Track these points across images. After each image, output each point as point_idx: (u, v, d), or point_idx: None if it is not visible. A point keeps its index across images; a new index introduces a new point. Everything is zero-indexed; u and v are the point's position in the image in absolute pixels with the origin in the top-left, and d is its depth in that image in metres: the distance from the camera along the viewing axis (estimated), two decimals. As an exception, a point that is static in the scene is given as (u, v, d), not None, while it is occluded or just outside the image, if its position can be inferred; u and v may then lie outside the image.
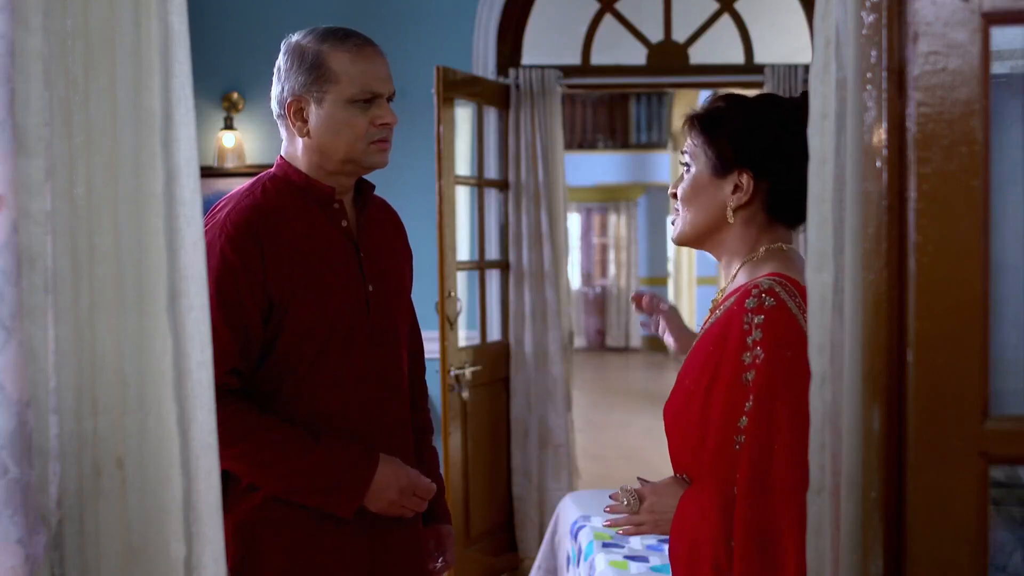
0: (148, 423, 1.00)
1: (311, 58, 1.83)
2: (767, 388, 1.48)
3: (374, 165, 1.90)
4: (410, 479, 1.88)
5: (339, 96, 1.83)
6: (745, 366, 1.51)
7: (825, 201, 1.01)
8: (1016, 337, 1.00)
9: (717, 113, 1.67)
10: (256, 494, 1.83)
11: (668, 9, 4.93)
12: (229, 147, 4.74)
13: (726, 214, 1.64)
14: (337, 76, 1.82)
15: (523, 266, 4.76)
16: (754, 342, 1.50)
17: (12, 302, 0.96)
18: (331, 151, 1.86)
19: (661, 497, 1.65)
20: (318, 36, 1.85)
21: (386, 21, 4.67)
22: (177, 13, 1.01)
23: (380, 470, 1.85)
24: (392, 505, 1.86)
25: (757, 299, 1.53)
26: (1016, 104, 1.03)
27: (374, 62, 1.86)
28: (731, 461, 1.51)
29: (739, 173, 1.63)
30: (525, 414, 4.76)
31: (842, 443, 0.98)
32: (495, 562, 4.65)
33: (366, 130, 1.85)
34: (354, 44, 1.85)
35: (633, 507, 1.67)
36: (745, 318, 1.52)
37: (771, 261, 1.63)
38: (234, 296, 1.79)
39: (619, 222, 14.18)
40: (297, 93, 1.84)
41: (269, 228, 1.82)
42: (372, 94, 1.84)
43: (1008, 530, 1.16)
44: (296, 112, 1.85)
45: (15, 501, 0.97)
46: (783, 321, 1.50)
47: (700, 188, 1.66)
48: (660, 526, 1.65)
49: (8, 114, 0.95)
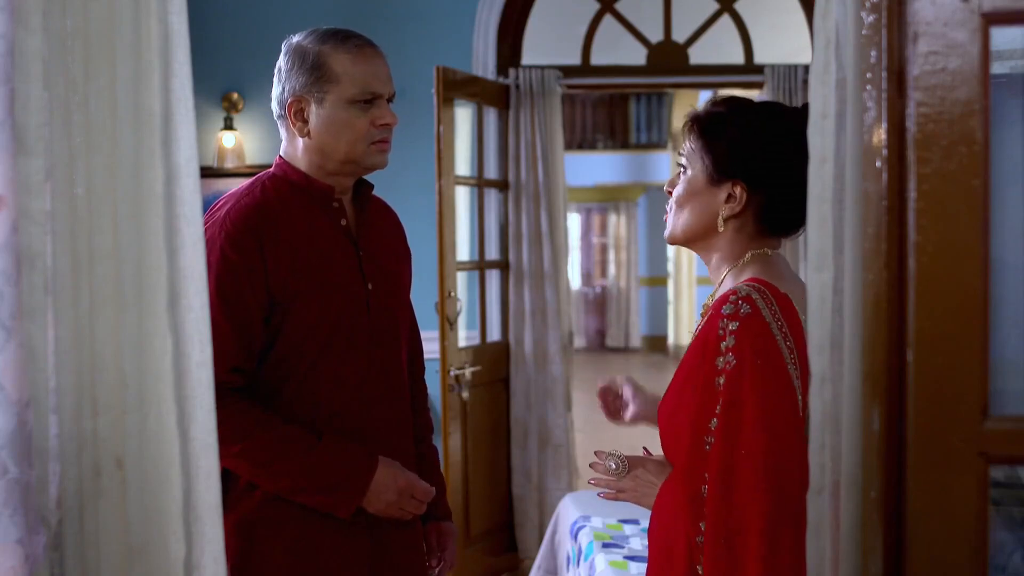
0: (148, 423, 1.00)
1: (312, 59, 1.83)
2: (736, 393, 1.51)
3: (374, 166, 1.90)
4: (408, 481, 1.88)
5: (340, 97, 1.83)
6: (717, 370, 1.54)
7: (825, 201, 1.01)
8: (1016, 337, 1.00)
9: (718, 118, 1.66)
10: (256, 493, 1.83)
11: (668, 9, 4.92)
12: (229, 147, 4.74)
13: (717, 222, 1.65)
14: (338, 77, 1.83)
15: (523, 266, 4.76)
16: (727, 348, 1.53)
17: (12, 302, 0.96)
18: (331, 151, 1.86)
19: (648, 472, 1.68)
20: (319, 37, 1.86)
21: (386, 21, 4.67)
22: (177, 13, 1.01)
23: (379, 472, 1.85)
24: (390, 507, 1.86)
25: (733, 305, 1.55)
26: (1016, 104, 1.03)
27: (375, 63, 1.87)
28: (701, 461, 1.55)
29: (733, 183, 1.63)
30: (525, 414, 4.76)
31: (842, 443, 0.98)
32: (495, 562, 4.65)
33: (366, 130, 1.85)
34: (355, 45, 1.85)
35: (620, 472, 1.70)
36: (721, 324, 1.55)
37: (753, 266, 1.64)
38: (235, 294, 1.79)
39: (619, 222, 14.18)
40: (298, 93, 1.84)
41: (269, 226, 1.82)
42: (373, 95, 1.85)
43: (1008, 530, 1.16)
44: (296, 112, 1.86)
45: (15, 501, 0.97)
46: (755, 329, 1.53)
47: (694, 192, 1.66)
48: (641, 499, 1.68)
49: (8, 114, 0.95)
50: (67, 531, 0.98)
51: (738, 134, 1.63)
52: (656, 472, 1.68)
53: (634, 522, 3.37)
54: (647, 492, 1.68)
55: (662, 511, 1.63)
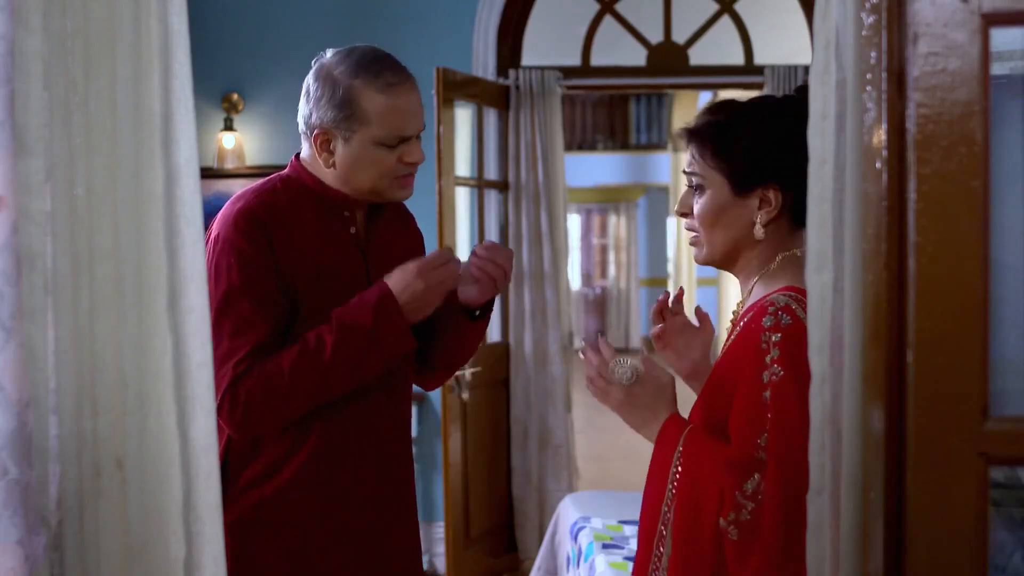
0: (148, 424, 1.00)
1: (342, 94, 1.80)
2: (785, 403, 1.47)
3: (397, 199, 1.90)
4: (416, 264, 1.81)
5: (368, 138, 1.81)
6: (764, 384, 1.50)
7: (825, 202, 1.01)
8: (1016, 337, 1.00)
9: (724, 129, 1.62)
10: (252, 494, 1.83)
11: (668, 10, 4.92)
12: (229, 148, 4.73)
13: (754, 231, 1.61)
14: (368, 117, 1.80)
15: (523, 267, 4.76)
16: (772, 360, 1.50)
17: (12, 302, 0.96)
18: (356, 184, 1.85)
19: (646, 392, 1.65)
20: (351, 68, 1.81)
21: (386, 21, 4.66)
22: (177, 13, 1.01)
23: (393, 287, 1.79)
24: (429, 291, 1.80)
25: (774, 317, 1.52)
26: (1016, 105, 1.03)
27: (408, 101, 1.84)
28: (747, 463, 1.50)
29: (764, 189, 1.59)
30: (525, 415, 4.76)
31: (842, 443, 0.99)
32: (495, 563, 4.65)
33: (393, 168, 1.84)
34: (387, 83, 1.81)
35: (623, 378, 1.66)
36: (763, 336, 1.52)
37: (785, 272, 1.61)
38: (259, 280, 1.78)
39: (619, 223, 14.18)
40: (326, 127, 1.82)
41: (277, 226, 1.82)
42: (402, 138, 1.83)
43: (1008, 531, 1.16)
44: (323, 144, 1.84)
45: (15, 502, 0.97)
46: (799, 338, 1.48)
47: (722, 209, 1.62)
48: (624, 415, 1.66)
49: (8, 114, 0.95)
50: (67, 531, 0.98)
51: (753, 140, 1.59)
52: (655, 394, 1.65)
53: (634, 523, 3.37)
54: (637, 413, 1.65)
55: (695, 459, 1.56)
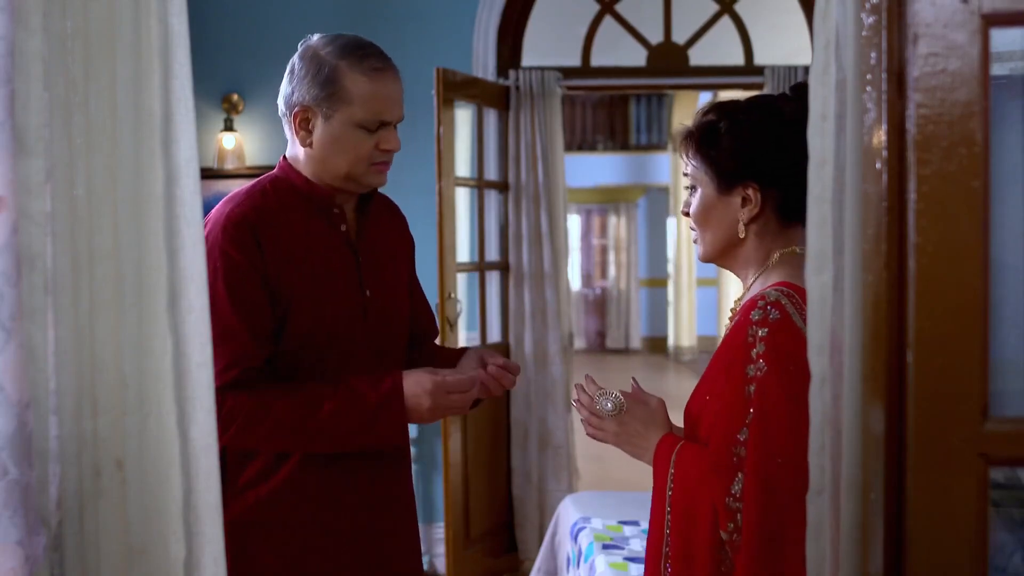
0: (148, 424, 1.00)
1: (327, 73, 1.81)
2: (768, 400, 1.48)
3: (372, 185, 1.90)
4: (435, 382, 1.80)
5: (348, 118, 1.82)
6: (747, 378, 1.51)
7: (825, 202, 1.01)
8: (1016, 337, 1.00)
9: (710, 128, 1.65)
10: (249, 494, 1.83)
11: (668, 10, 4.93)
12: (229, 148, 4.74)
13: (738, 229, 1.63)
14: (350, 98, 1.81)
15: (523, 267, 4.76)
16: (757, 355, 1.51)
17: (12, 303, 0.96)
18: (331, 166, 1.85)
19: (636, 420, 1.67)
20: (338, 50, 1.82)
21: (386, 21, 4.67)
22: (177, 14, 1.01)
23: (406, 388, 1.79)
24: (435, 411, 1.80)
25: (762, 311, 1.53)
26: (1016, 106, 1.03)
27: (390, 87, 1.85)
28: (729, 467, 1.51)
29: (744, 186, 1.62)
30: (525, 415, 4.76)
31: (842, 444, 0.98)
32: (495, 563, 4.65)
33: (369, 153, 1.84)
34: (372, 67, 1.82)
35: (614, 411, 1.67)
36: (750, 330, 1.52)
37: (781, 268, 1.62)
38: (246, 291, 1.78)
39: (619, 223, 14.18)
40: (306, 103, 1.83)
41: (267, 229, 1.82)
42: (382, 122, 1.84)
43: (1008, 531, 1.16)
44: (302, 121, 1.84)
45: (15, 502, 0.97)
46: (786, 334, 1.50)
47: (710, 208, 1.65)
48: (623, 446, 1.67)
49: (8, 114, 0.95)
50: (67, 532, 0.98)
51: (736, 136, 1.62)
52: (644, 420, 1.66)
53: (634, 523, 3.37)
54: (632, 442, 1.66)
55: (685, 477, 1.59)
